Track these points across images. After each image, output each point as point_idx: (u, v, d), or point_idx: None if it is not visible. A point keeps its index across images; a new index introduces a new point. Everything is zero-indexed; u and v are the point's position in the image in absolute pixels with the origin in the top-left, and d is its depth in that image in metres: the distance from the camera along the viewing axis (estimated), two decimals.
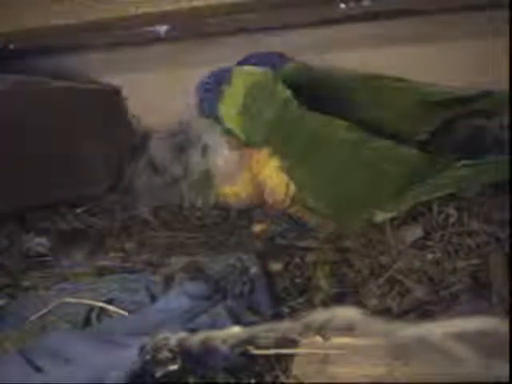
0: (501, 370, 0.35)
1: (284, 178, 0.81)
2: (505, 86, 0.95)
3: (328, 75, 1.04)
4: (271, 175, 0.82)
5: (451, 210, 0.83)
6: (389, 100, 1.00)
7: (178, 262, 0.82)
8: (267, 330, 0.49)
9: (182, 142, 1.07)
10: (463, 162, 0.83)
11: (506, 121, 0.95)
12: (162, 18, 0.92)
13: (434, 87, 1.00)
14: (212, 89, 0.91)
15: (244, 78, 0.87)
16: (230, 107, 0.88)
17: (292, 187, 0.81)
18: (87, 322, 0.71)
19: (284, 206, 0.83)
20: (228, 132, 0.90)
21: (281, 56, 1.04)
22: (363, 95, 1.00)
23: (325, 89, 1.00)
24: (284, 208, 0.84)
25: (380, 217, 0.83)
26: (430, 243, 0.79)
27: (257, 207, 0.99)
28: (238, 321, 0.64)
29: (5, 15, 0.93)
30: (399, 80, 1.03)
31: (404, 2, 0.91)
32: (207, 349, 0.53)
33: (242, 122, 0.87)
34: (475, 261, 0.73)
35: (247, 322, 0.65)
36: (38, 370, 0.58)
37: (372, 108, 0.98)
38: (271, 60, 1.03)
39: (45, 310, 0.73)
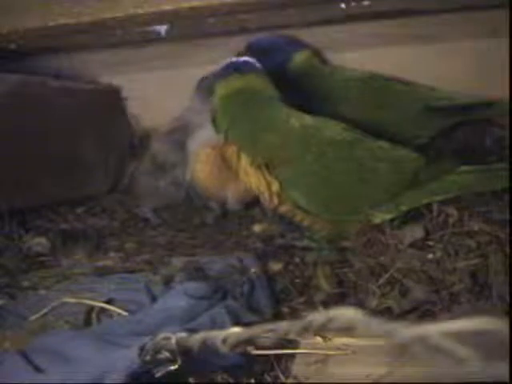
0: (501, 369, 0.35)
1: (263, 175, 0.81)
2: (505, 86, 0.95)
3: (331, 73, 1.05)
4: (247, 171, 0.82)
5: (451, 210, 0.83)
6: (390, 102, 1.00)
7: (177, 262, 0.82)
8: (267, 330, 0.49)
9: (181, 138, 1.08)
10: (464, 167, 0.83)
11: (506, 126, 0.96)
12: (162, 17, 0.92)
13: (437, 92, 1.01)
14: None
15: (224, 86, 0.86)
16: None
17: (276, 185, 0.81)
18: (87, 321, 0.71)
19: (273, 203, 0.83)
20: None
21: (290, 40, 1.04)
22: (365, 95, 1.00)
23: (327, 86, 1.01)
24: (275, 206, 0.83)
25: (378, 218, 0.82)
26: (430, 243, 0.79)
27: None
28: (237, 321, 0.64)
29: (5, 15, 0.93)
30: (402, 83, 1.03)
31: (404, 2, 0.91)
32: (207, 349, 0.53)
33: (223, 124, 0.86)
34: (475, 261, 0.73)
35: (247, 321, 0.65)
36: (38, 369, 0.58)
37: (373, 109, 0.99)
38: (281, 43, 1.03)
39: (45, 310, 0.73)
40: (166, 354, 0.54)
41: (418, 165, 0.82)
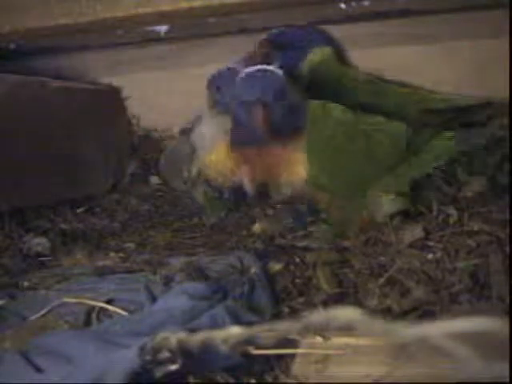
0: (501, 370, 0.35)
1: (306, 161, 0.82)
2: (505, 86, 0.95)
3: (342, 73, 1.05)
4: (302, 159, 0.83)
5: (451, 210, 0.83)
6: (390, 104, 1.01)
7: (177, 262, 0.82)
8: (267, 330, 0.49)
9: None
10: (448, 133, 0.89)
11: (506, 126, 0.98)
12: (162, 17, 0.92)
13: (436, 94, 1.02)
14: None
15: None
16: None
17: (313, 170, 0.82)
18: (87, 321, 0.71)
19: (304, 190, 0.84)
20: None
21: (316, 31, 1.04)
22: (365, 97, 1.01)
23: (334, 86, 1.02)
24: (302, 192, 0.85)
25: (383, 207, 0.84)
26: (430, 243, 0.79)
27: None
28: (237, 321, 0.64)
29: (5, 15, 0.93)
30: (401, 85, 1.03)
31: (404, 2, 0.91)
32: (207, 349, 0.53)
33: None
34: (475, 261, 0.73)
35: (247, 321, 0.64)
36: (38, 369, 0.58)
37: (373, 109, 0.99)
38: (308, 36, 1.03)
39: (45, 310, 0.73)
40: (166, 354, 0.54)
41: (408, 133, 0.87)
